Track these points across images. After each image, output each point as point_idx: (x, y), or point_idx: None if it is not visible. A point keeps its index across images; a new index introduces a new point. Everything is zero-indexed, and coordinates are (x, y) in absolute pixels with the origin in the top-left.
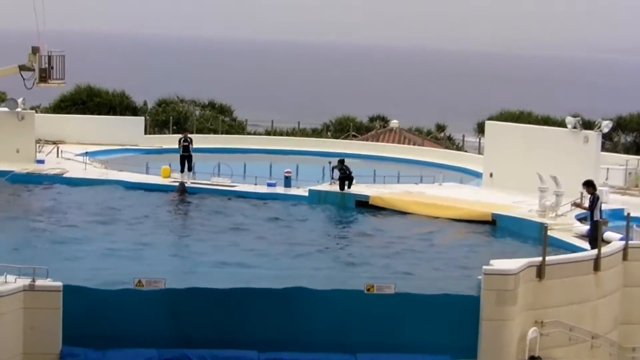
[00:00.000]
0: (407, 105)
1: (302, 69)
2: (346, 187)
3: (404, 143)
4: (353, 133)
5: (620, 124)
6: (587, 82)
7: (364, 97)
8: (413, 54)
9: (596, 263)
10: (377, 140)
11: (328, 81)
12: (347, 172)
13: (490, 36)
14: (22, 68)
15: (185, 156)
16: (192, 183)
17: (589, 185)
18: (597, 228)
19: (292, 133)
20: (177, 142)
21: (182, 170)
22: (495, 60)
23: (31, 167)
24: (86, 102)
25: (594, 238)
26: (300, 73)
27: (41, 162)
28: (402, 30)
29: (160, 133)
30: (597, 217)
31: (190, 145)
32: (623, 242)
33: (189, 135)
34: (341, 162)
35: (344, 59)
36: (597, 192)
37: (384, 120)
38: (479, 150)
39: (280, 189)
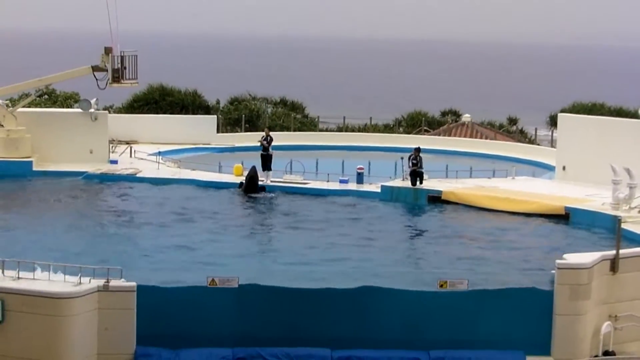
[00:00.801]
0: (479, 99)
1: (374, 64)
2: (418, 183)
3: (476, 137)
4: (425, 128)
5: None
6: None
7: (435, 92)
8: (482, 48)
9: None
10: (449, 135)
11: (400, 76)
12: (420, 164)
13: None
14: (94, 69)
15: (265, 155)
16: (271, 182)
17: None
18: None
19: (364, 129)
20: (258, 141)
21: (263, 169)
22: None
23: (105, 168)
24: (158, 101)
25: None
26: (371, 69)
27: (114, 162)
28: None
29: (232, 131)
30: None
31: (269, 145)
32: None
33: (270, 134)
34: (417, 150)
35: (416, 54)
36: None
37: (456, 115)
38: (552, 143)
39: (352, 186)
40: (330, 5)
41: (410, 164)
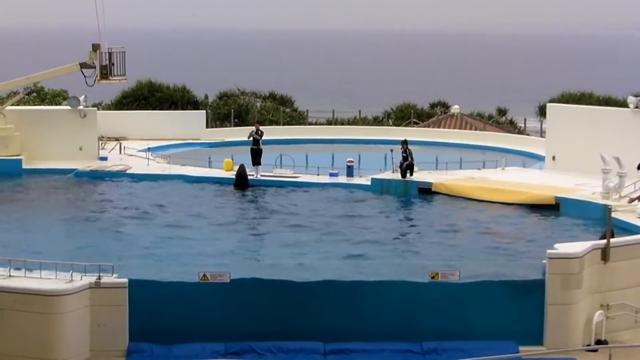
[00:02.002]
0: (468, 90)
1: (361, 57)
2: (408, 175)
3: (465, 128)
4: (414, 120)
5: None
6: None
7: (423, 83)
8: (469, 39)
9: None
10: (439, 127)
11: (387, 68)
12: (410, 157)
13: (547, 18)
14: (83, 65)
15: (255, 149)
16: (261, 176)
17: None
18: None
19: (353, 122)
20: (248, 135)
21: (253, 164)
22: (553, 41)
23: (94, 165)
24: (147, 97)
25: None
26: (358, 61)
27: (104, 159)
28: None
29: (222, 126)
30: None
31: (260, 138)
32: None
33: (261, 128)
34: (404, 142)
35: (401, 46)
36: None
37: (445, 106)
38: (541, 133)
39: (342, 179)
40: None
41: (401, 158)
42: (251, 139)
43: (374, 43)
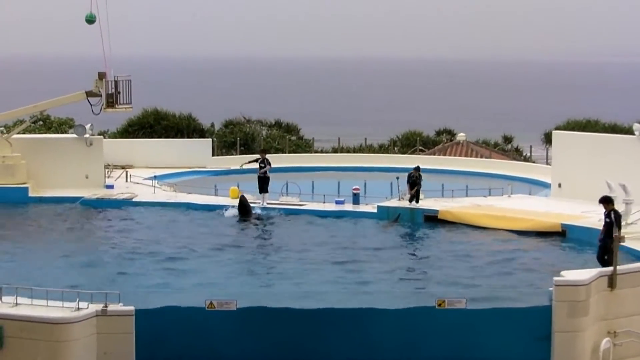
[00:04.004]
0: (473, 118)
1: (367, 84)
2: (413, 202)
3: (471, 156)
4: (420, 147)
5: None
6: None
7: (429, 111)
8: (474, 67)
9: None
10: (445, 154)
11: (393, 96)
12: (419, 182)
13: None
14: (89, 94)
15: (262, 177)
16: (267, 204)
17: (607, 201)
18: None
19: (359, 149)
20: (255, 162)
21: (260, 191)
22: (559, 68)
23: (101, 193)
24: (153, 125)
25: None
26: (365, 88)
27: (110, 187)
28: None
29: (227, 154)
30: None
31: (267, 167)
32: None
33: (267, 157)
34: (417, 169)
35: (407, 73)
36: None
37: (451, 134)
38: (547, 161)
39: (348, 206)
40: (322, 25)
41: (410, 183)
42: (256, 166)
43: (380, 70)
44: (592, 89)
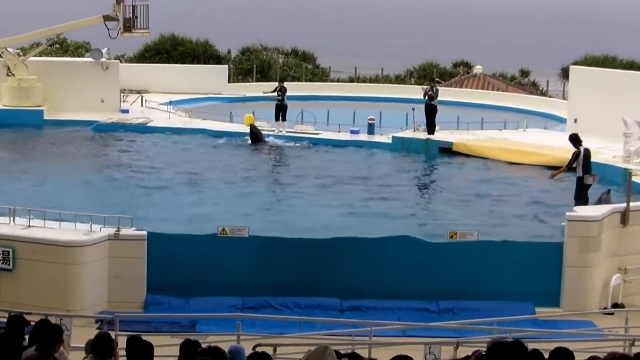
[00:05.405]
0: (491, 51)
1: (385, 16)
2: (427, 134)
3: (487, 89)
4: (437, 79)
5: None
6: None
7: (446, 43)
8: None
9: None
10: (461, 86)
11: (409, 27)
12: (436, 97)
13: None
14: (106, 18)
15: (280, 105)
16: (286, 132)
17: (573, 140)
18: (580, 184)
19: (375, 80)
20: (274, 90)
21: (276, 119)
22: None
23: (116, 117)
24: (170, 51)
25: (577, 193)
26: (382, 20)
27: (125, 111)
28: None
29: (243, 81)
30: (579, 173)
31: (284, 95)
32: None
33: (285, 85)
34: (432, 80)
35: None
36: (582, 146)
37: (468, 66)
38: (564, 96)
39: (363, 136)
40: None
41: (427, 98)
42: (275, 94)
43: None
44: (611, 25)
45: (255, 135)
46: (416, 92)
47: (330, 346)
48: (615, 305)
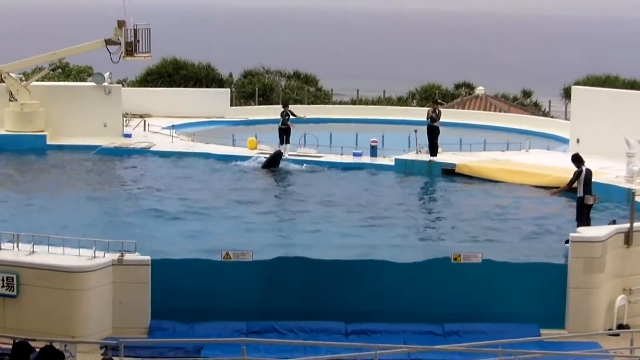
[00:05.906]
0: (493, 72)
1: (385, 37)
2: (430, 156)
3: (490, 110)
4: (439, 100)
5: None
6: None
7: (448, 64)
8: (495, 20)
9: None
10: (463, 108)
11: (411, 49)
12: (438, 119)
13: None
14: (108, 42)
15: (284, 128)
16: (288, 155)
17: (575, 160)
18: (581, 204)
19: (378, 102)
20: (280, 114)
21: (280, 143)
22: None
23: (118, 141)
24: (172, 75)
25: (578, 214)
26: (382, 42)
27: (128, 135)
28: None
29: (246, 104)
30: (580, 193)
31: (288, 118)
32: None
33: (289, 108)
34: (435, 102)
35: (426, 27)
36: (583, 166)
37: (470, 87)
38: (566, 116)
39: (366, 159)
40: None
41: (429, 120)
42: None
43: (399, 23)
44: (612, 44)
45: (275, 160)
46: (418, 113)
47: None
48: (620, 326)
